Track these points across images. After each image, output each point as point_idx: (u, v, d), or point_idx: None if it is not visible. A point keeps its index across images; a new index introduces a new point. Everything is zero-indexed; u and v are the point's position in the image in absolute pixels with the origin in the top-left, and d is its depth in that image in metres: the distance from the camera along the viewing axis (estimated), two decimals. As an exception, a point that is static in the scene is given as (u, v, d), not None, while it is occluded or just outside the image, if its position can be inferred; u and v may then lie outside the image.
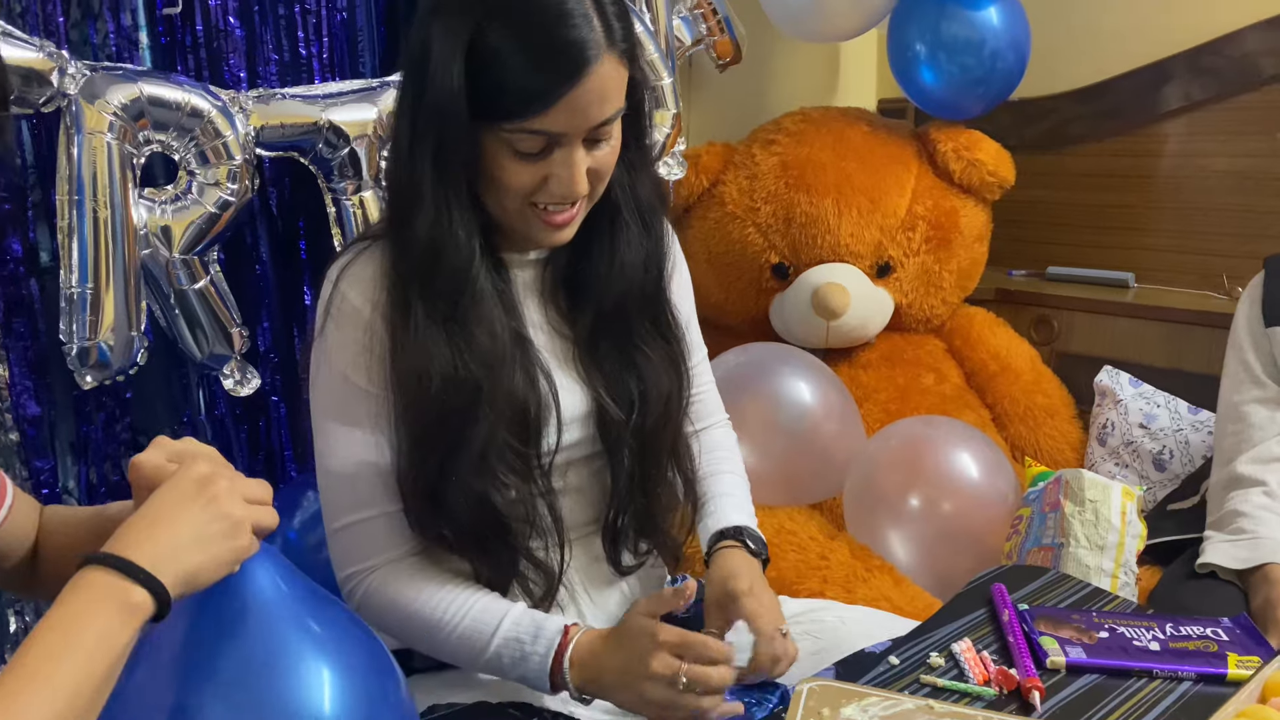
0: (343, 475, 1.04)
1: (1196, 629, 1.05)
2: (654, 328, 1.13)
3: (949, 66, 2.08)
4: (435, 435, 1.00)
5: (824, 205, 2.06)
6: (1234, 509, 1.41)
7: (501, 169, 0.97)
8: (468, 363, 0.99)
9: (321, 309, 1.04)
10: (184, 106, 1.44)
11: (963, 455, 1.74)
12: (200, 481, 0.72)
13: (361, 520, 1.04)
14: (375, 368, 1.02)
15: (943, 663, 0.99)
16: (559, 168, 0.97)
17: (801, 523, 1.76)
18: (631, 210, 1.09)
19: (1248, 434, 1.47)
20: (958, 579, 1.67)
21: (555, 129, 0.95)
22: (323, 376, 1.04)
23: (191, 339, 1.54)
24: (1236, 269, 2.15)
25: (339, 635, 0.78)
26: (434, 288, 0.99)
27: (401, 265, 1.01)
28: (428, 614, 1.02)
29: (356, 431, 1.03)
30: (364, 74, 1.72)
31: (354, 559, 1.05)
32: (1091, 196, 2.41)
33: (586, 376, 1.10)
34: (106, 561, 0.67)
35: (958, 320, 2.26)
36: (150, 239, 1.46)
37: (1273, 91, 2.11)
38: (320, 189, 1.63)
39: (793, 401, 1.85)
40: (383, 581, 1.05)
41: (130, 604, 0.66)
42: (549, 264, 1.11)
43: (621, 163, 1.05)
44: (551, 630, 0.99)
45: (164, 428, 1.63)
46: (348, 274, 1.04)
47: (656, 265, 1.12)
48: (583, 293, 1.10)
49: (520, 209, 1.00)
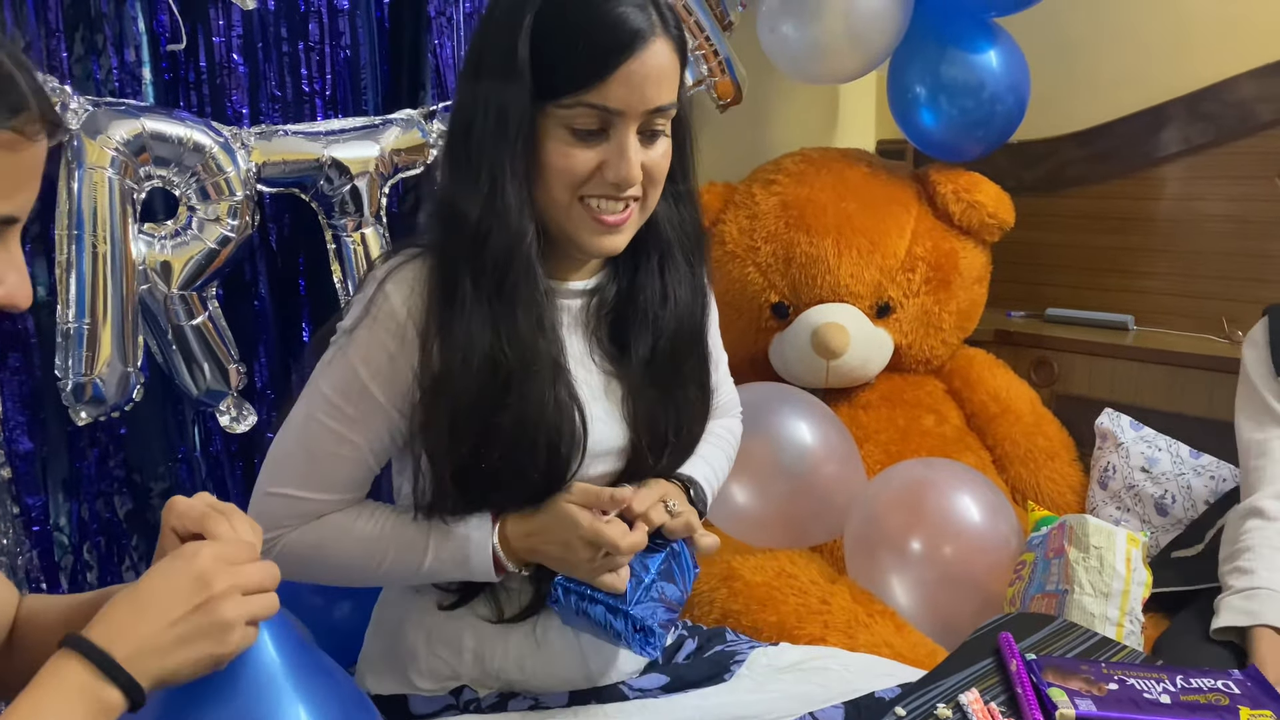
0: (306, 453, 1.06)
1: (1207, 681, 1.03)
2: (696, 369, 1.14)
3: (949, 109, 2.09)
4: (469, 419, 1.01)
5: (824, 245, 2.06)
6: (1248, 544, 1.41)
7: (556, 152, 0.98)
8: (504, 347, 1.00)
9: (361, 304, 1.04)
10: (186, 142, 1.44)
11: (964, 498, 1.73)
12: (198, 580, 0.70)
13: (306, 498, 1.06)
14: (391, 378, 1.02)
15: (950, 714, 0.97)
16: (614, 152, 0.98)
17: (802, 566, 1.74)
18: (681, 247, 1.11)
19: (1272, 470, 1.47)
20: (959, 624, 1.66)
21: (612, 104, 0.96)
22: (337, 362, 1.04)
23: (188, 375, 1.53)
24: (1236, 312, 2.15)
25: (333, 703, 0.76)
26: (483, 269, 0.99)
27: (450, 252, 1.01)
28: (349, 554, 1.07)
29: (341, 425, 1.04)
30: (367, 111, 1.72)
31: (281, 524, 1.07)
32: (1090, 239, 2.41)
33: (631, 413, 1.10)
34: (86, 651, 0.66)
35: (957, 361, 2.25)
36: (149, 274, 1.46)
37: (1270, 137, 2.12)
38: (321, 225, 1.63)
39: (793, 442, 1.83)
40: (302, 531, 1.07)
41: (103, 704, 0.65)
42: (595, 295, 1.11)
43: (669, 198, 1.08)
44: (481, 530, 1.04)
45: (159, 465, 1.61)
46: (396, 276, 1.03)
47: (704, 303, 1.14)
48: (639, 327, 1.10)
49: (570, 203, 1.01)
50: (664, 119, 1.01)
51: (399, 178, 1.66)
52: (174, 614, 0.68)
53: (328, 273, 1.63)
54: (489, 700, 1.12)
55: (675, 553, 1.08)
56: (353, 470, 1.07)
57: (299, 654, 0.76)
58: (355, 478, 1.08)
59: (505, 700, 1.12)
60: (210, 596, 0.69)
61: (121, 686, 0.65)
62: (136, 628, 0.67)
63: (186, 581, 0.69)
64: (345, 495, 1.08)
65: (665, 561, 1.06)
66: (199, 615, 0.69)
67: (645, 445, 1.10)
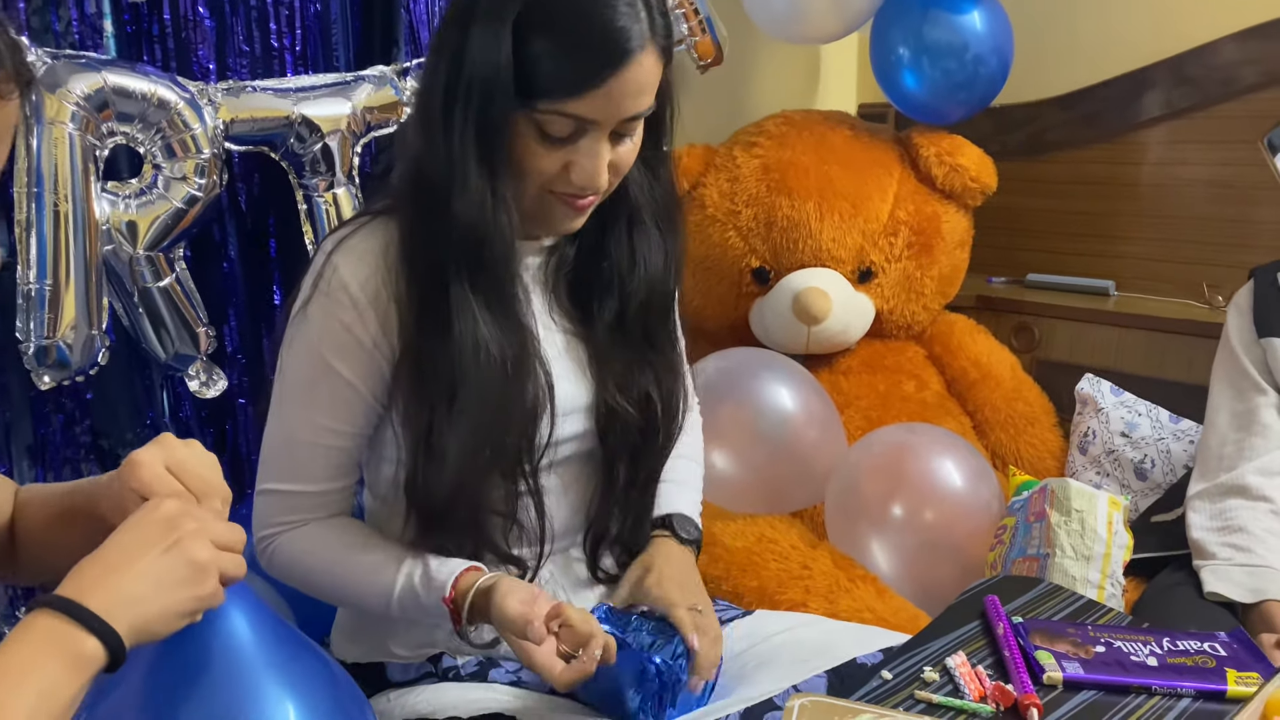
0: (285, 446, 1.05)
1: (1194, 644, 1.02)
2: (669, 332, 1.13)
3: (931, 71, 2.06)
4: (486, 421, 0.99)
5: (806, 209, 2.03)
6: (1239, 523, 1.39)
7: (526, 151, 0.96)
8: (512, 343, 0.99)
9: (309, 280, 1.02)
10: (150, 98, 1.39)
11: (946, 463, 1.72)
12: (166, 522, 0.67)
13: (290, 491, 1.05)
14: (354, 353, 1.00)
15: (937, 678, 0.96)
16: (583, 157, 0.96)
17: (783, 531, 1.73)
18: (650, 212, 1.08)
19: (1251, 442, 1.46)
20: (940, 589, 1.65)
21: (589, 115, 0.93)
22: (296, 348, 1.03)
23: (155, 339, 1.48)
24: (1217, 277, 2.14)
25: (308, 680, 0.74)
26: (480, 270, 0.98)
27: (430, 246, 0.98)
28: (327, 571, 1.05)
29: (315, 411, 1.02)
30: (338, 67, 1.67)
31: (272, 521, 1.06)
32: (1072, 204, 2.40)
33: (596, 374, 1.09)
34: (58, 606, 0.62)
35: (938, 327, 2.24)
36: (113, 234, 1.41)
37: (1253, 101, 2.10)
38: (291, 185, 1.58)
39: (774, 408, 1.81)
40: (292, 538, 1.06)
41: (81, 655, 0.61)
42: (554, 253, 1.10)
43: (641, 163, 1.05)
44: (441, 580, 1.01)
45: (126, 431, 1.57)
46: (344, 247, 1.01)
47: (676, 269, 1.12)
48: (604, 291, 1.08)
49: (538, 195, 0.99)
50: (637, 122, 0.98)
51: (371, 136, 1.61)
52: (144, 558, 0.65)
53: (299, 234, 1.59)
54: (469, 668, 1.10)
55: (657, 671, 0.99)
56: (333, 457, 1.05)
57: (271, 628, 0.74)
58: (339, 464, 1.06)
59: (486, 669, 1.10)
60: (179, 537, 0.66)
61: (98, 634, 0.62)
62: (107, 579, 0.64)
63: (153, 527, 0.67)
64: (333, 484, 1.06)
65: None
66: (170, 557, 0.66)
67: (620, 405, 1.08)
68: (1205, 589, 1.38)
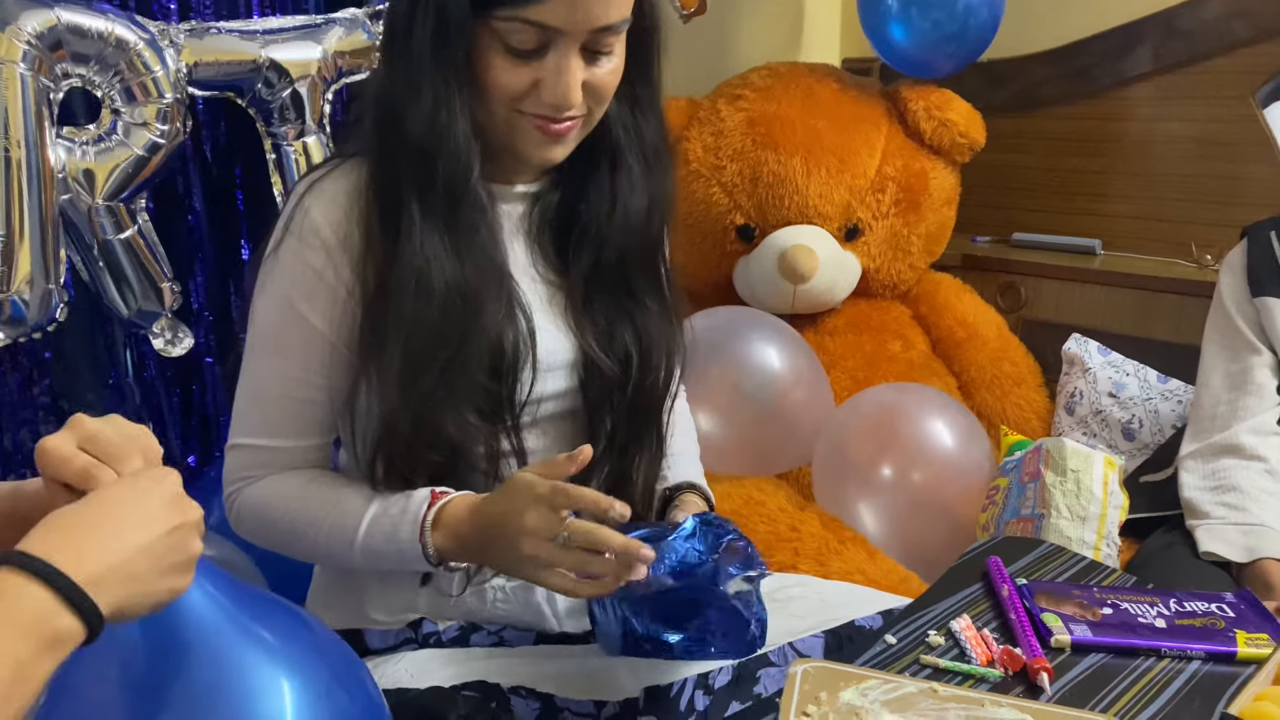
0: (257, 399, 1.00)
1: (1201, 605, 1.00)
2: (653, 281, 1.06)
3: (921, 22, 2.00)
4: (433, 352, 0.93)
5: (792, 164, 1.98)
6: (1233, 483, 1.37)
7: (490, 67, 0.90)
8: (467, 273, 0.93)
9: (281, 223, 0.97)
10: (107, 37, 1.32)
11: (936, 423, 1.69)
12: (174, 503, 0.60)
13: (260, 446, 1.00)
14: (325, 299, 0.95)
15: (942, 641, 0.92)
16: (551, 72, 0.89)
17: (770, 493, 1.69)
18: (635, 153, 1.02)
19: (1245, 402, 1.43)
20: (930, 551, 1.63)
21: (552, 22, 0.87)
22: (266, 294, 0.98)
23: (117, 294, 1.42)
24: (1205, 236, 2.12)
25: (291, 640, 0.69)
26: (432, 189, 0.92)
27: (390, 165, 0.93)
28: (297, 513, 0.99)
29: (284, 361, 0.97)
30: (307, 9, 1.60)
31: (241, 475, 1.02)
32: (1059, 161, 2.36)
33: (576, 326, 1.03)
34: (36, 569, 0.53)
35: (924, 286, 2.20)
36: (70, 183, 1.34)
37: (1245, 55, 2.07)
38: (259, 133, 1.51)
39: (760, 368, 1.77)
40: (253, 491, 1.01)
41: (57, 635, 0.53)
42: (538, 201, 1.04)
43: (625, 99, 0.98)
44: (419, 497, 0.94)
45: (88, 391, 1.51)
46: (316, 190, 0.96)
47: (660, 215, 1.05)
48: (580, 238, 1.02)
49: (508, 116, 0.93)
50: (613, 37, 0.92)
51: (343, 82, 1.55)
52: (150, 535, 0.58)
53: (268, 184, 1.53)
54: (450, 633, 1.05)
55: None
56: (305, 411, 1.00)
57: (237, 595, 0.69)
58: (312, 418, 1.01)
59: (467, 634, 1.06)
60: (185, 522, 0.60)
61: (83, 614, 0.54)
62: (105, 546, 0.56)
63: (161, 503, 0.59)
64: (307, 440, 1.01)
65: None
66: (174, 539, 0.59)
67: (603, 360, 1.03)
68: (1200, 548, 1.36)
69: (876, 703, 0.82)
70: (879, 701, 0.82)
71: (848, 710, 0.80)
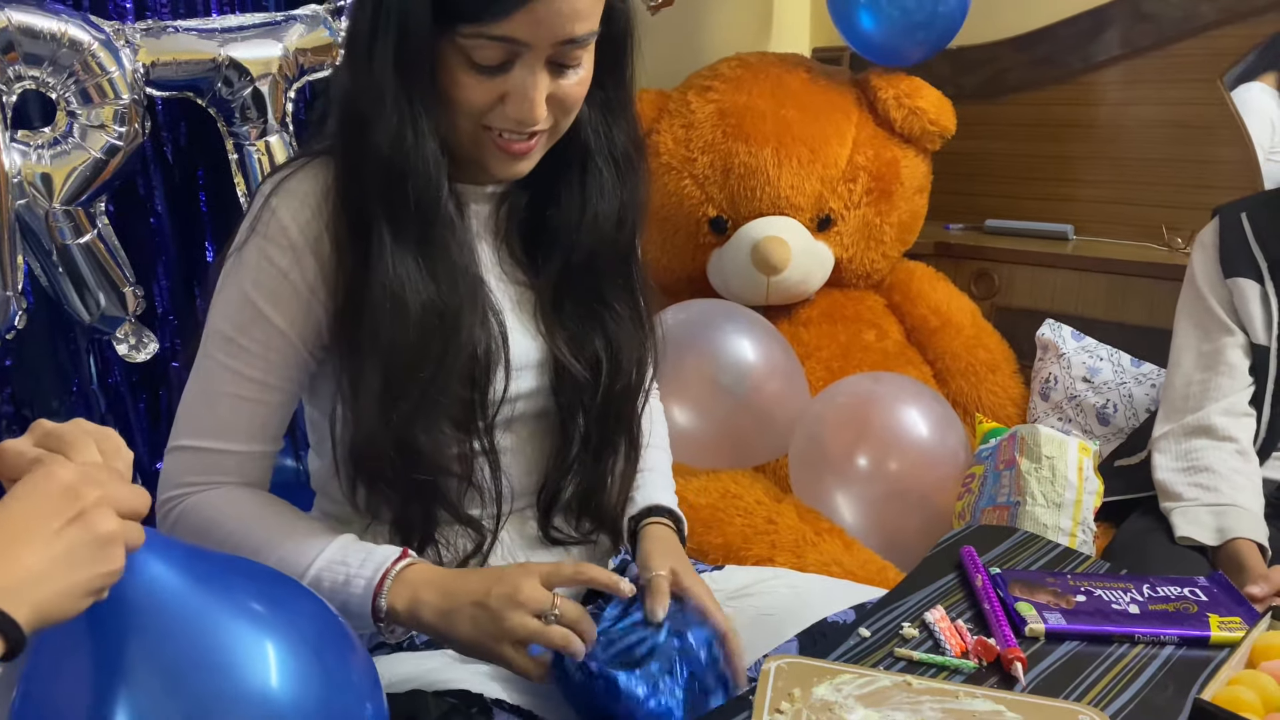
0: (205, 397, 0.96)
1: (1174, 589, 1.00)
2: (624, 286, 1.04)
3: (889, 9, 2.00)
4: (413, 373, 0.91)
5: (763, 155, 1.97)
6: (1205, 463, 1.37)
7: (455, 83, 0.88)
8: (443, 292, 0.91)
9: (246, 223, 0.94)
10: (60, 38, 1.29)
11: (911, 412, 1.68)
12: (66, 491, 0.58)
13: (205, 449, 0.96)
14: (289, 300, 0.93)
15: (916, 633, 0.92)
16: (516, 87, 0.88)
17: (746, 486, 1.69)
18: (605, 157, 1.00)
19: (1217, 382, 1.43)
20: (907, 540, 1.62)
21: (517, 36, 0.85)
22: (226, 293, 0.95)
23: (78, 300, 1.39)
24: (1176, 220, 2.13)
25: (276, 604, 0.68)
26: (402, 210, 0.90)
27: (356, 185, 0.90)
28: (245, 534, 0.94)
29: (241, 361, 0.94)
30: (266, 7, 1.57)
31: (182, 480, 0.96)
32: (1029, 147, 2.36)
33: (546, 329, 1.02)
34: None
35: (897, 275, 2.20)
36: (26, 188, 1.31)
37: (1213, 38, 2.07)
38: (221, 133, 1.49)
39: (735, 360, 1.77)
40: (202, 502, 0.96)
41: None
42: (506, 202, 1.02)
43: (596, 103, 0.97)
44: (384, 551, 0.91)
45: (51, 399, 1.48)
46: (283, 189, 0.93)
47: (632, 220, 1.03)
48: (550, 241, 1.01)
49: (474, 131, 0.91)
50: (580, 50, 0.90)
51: (305, 80, 1.52)
52: (45, 532, 0.56)
53: (230, 185, 1.50)
54: (423, 636, 1.04)
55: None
56: (258, 414, 0.96)
57: (196, 561, 0.67)
58: (264, 423, 0.97)
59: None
60: (83, 508, 0.58)
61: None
62: (4, 558, 0.55)
63: (51, 497, 0.58)
64: (255, 445, 0.97)
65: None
66: (75, 530, 0.57)
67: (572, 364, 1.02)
68: (1176, 534, 1.36)
69: (850, 697, 0.82)
70: (853, 696, 0.82)
71: (821, 706, 0.79)
